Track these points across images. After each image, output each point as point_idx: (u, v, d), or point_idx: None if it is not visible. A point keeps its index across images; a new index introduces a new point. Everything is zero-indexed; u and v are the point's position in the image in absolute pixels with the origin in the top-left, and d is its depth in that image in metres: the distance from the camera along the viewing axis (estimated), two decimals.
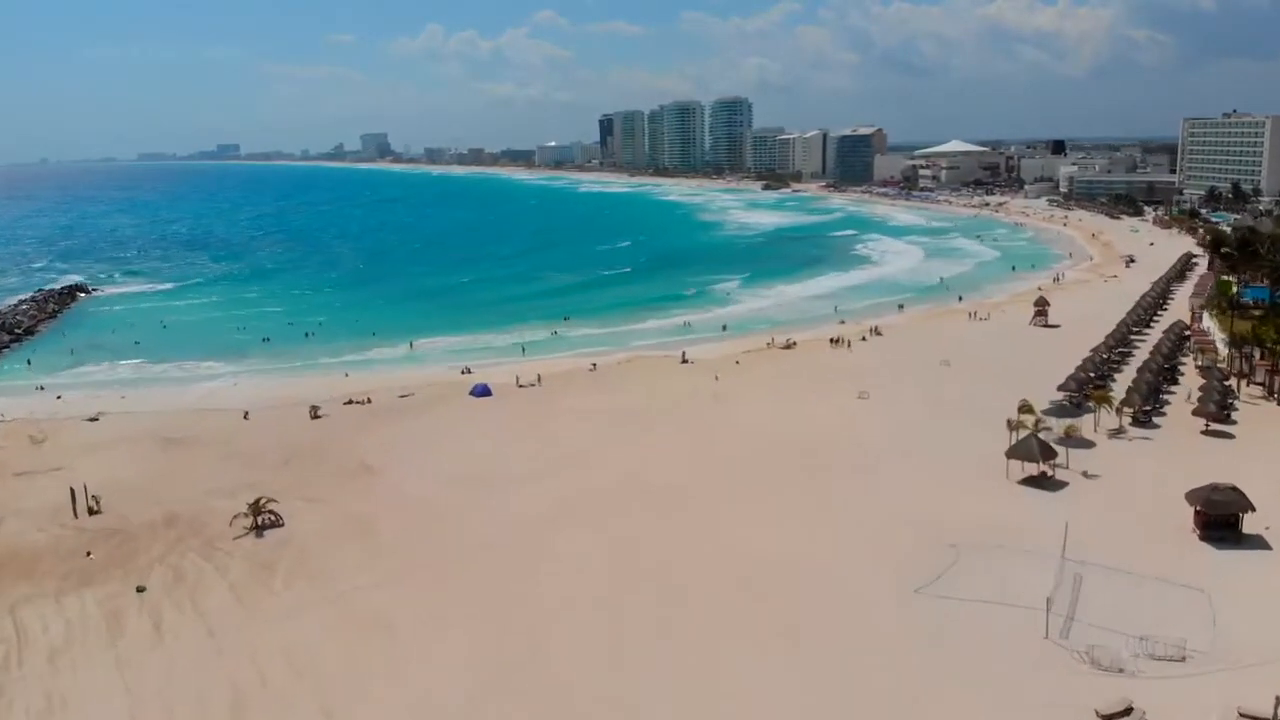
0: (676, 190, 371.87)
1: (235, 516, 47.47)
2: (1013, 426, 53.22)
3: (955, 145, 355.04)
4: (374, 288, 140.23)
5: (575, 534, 45.13)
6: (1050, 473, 49.47)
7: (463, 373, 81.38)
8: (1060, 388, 63.18)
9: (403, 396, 73.16)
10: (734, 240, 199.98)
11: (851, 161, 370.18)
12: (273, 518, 47.83)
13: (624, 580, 40.17)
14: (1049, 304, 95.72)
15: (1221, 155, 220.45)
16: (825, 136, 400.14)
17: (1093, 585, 37.55)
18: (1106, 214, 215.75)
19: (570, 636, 35.96)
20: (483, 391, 72.95)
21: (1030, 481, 49.21)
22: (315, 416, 67.75)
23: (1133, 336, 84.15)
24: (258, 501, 47.86)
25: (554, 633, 36.14)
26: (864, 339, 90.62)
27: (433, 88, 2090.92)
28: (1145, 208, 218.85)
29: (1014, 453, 49.62)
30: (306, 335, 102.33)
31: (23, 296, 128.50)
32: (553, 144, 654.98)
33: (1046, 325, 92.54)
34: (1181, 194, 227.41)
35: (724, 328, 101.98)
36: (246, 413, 68.94)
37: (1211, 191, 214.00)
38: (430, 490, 51.94)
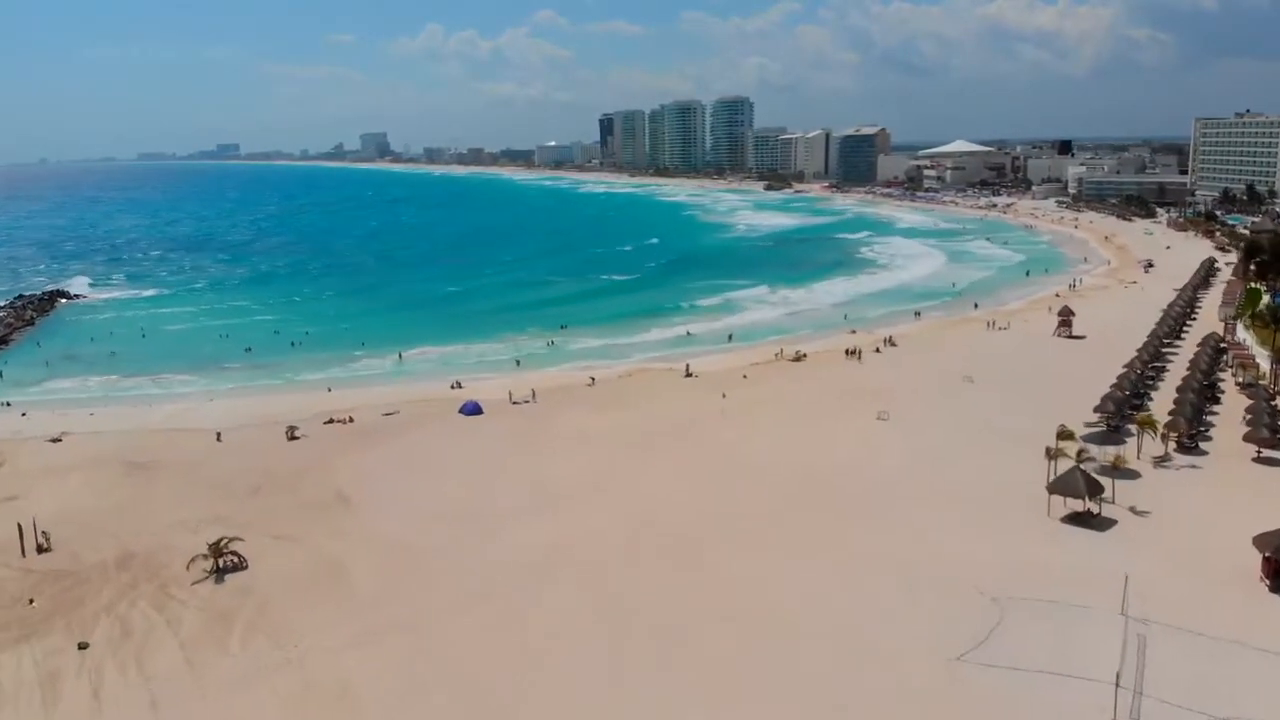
0: (681, 191, 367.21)
1: (194, 558, 42.92)
2: (1052, 456, 48.40)
3: (960, 145, 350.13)
4: (370, 294, 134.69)
5: (566, 586, 40.30)
6: (1097, 510, 44.62)
7: (452, 387, 76.76)
8: (1097, 409, 58.32)
9: (387, 415, 68.46)
10: (741, 243, 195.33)
11: (854, 162, 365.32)
12: (235, 560, 43.27)
13: (622, 641, 35.47)
14: (1073, 313, 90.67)
15: (1235, 156, 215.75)
16: (828, 136, 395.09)
17: (1160, 650, 32.89)
18: (1118, 216, 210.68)
19: (559, 712, 31.37)
20: (473, 410, 68.25)
21: (1074, 519, 44.38)
22: (292, 438, 63.21)
23: (1164, 350, 79.25)
24: (219, 542, 43.23)
25: (541, 714, 31.50)
26: (877, 350, 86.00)
27: (433, 88, 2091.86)
28: (1157, 209, 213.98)
29: (1056, 487, 44.59)
30: (292, 345, 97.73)
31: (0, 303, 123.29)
32: (553, 144, 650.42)
33: (1071, 336, 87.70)
34: (1194, 195, 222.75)
35: (730, 337, 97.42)
36: (219, 433, 64.37)
37: (1225, 193, 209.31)
38: (410, 528, 47.15)
